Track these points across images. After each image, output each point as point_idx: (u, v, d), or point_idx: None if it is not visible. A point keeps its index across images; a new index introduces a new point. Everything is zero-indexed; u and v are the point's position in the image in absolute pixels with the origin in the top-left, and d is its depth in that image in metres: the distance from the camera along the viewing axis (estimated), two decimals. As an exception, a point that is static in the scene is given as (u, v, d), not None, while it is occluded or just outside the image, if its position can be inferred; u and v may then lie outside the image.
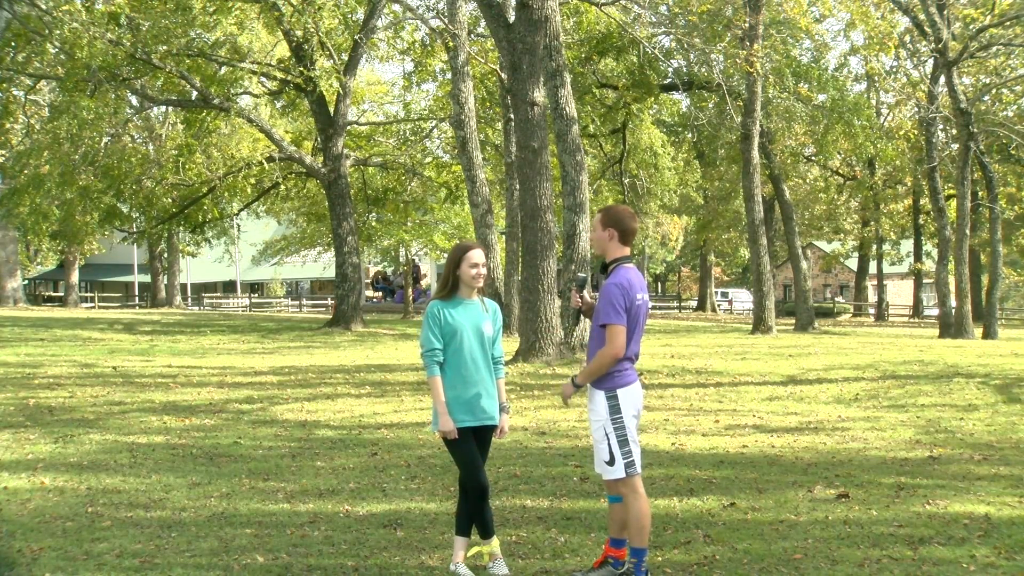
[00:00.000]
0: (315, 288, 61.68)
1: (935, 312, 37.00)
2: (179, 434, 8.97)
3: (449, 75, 24.30)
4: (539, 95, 15.34)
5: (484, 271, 4.81)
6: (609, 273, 4.63)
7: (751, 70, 22.12)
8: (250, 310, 46.00)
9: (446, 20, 22.35)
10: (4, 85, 26.39)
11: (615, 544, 4.66)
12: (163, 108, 34.86)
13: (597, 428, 4.56)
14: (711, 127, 31.66)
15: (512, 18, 16.05)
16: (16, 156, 28.07)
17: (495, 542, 4.82)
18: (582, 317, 5.02)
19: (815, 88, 27.33)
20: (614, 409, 4.51)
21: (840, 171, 41.83)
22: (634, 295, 4.52)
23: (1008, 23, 23.92)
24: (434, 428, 4.81)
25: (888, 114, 37.62)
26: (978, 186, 32.51)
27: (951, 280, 26.91)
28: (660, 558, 5.01)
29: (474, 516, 4.79)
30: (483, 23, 24.35)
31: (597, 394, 4.57)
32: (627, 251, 4.68)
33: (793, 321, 29.35)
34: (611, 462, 4.51)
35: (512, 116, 18.29)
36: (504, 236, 24.78)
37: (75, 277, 45.89)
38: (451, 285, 4.79)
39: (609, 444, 4.51)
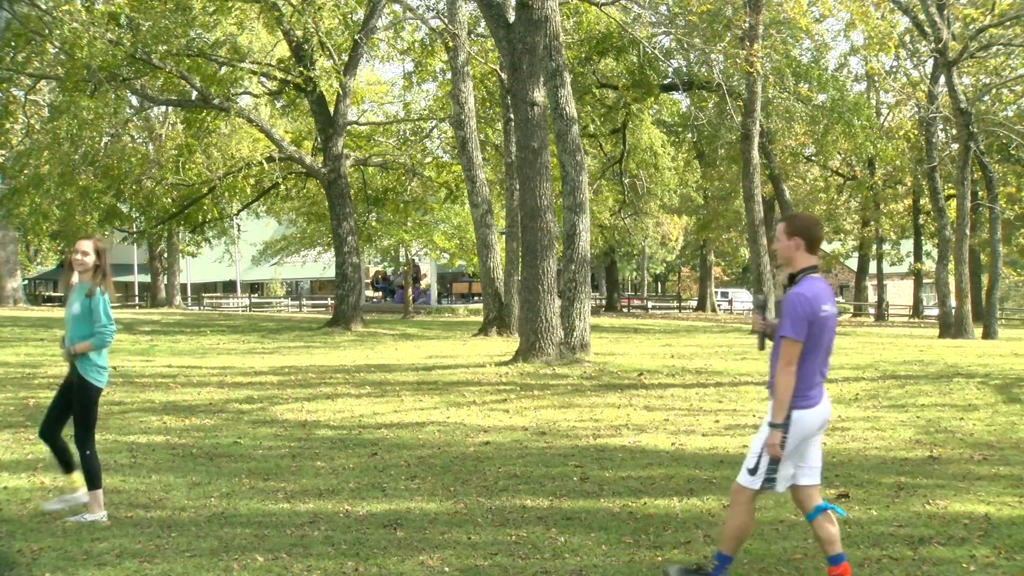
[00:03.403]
0: (315, 288, 61.68)
1: (935, 312, 36.99)
2: (179, 434, 8.97)
3: (449, 75, 24.31)
4: (539, 95, 15.34)
5: (84, 259, 5.73)
6: (796, 283, 4.41)
7: (751, 70, 22.13)
8: (250, 310, 46.00)
9: (446, 20, 22.37)
10: (4, 85, 26.39)
11: (833, 562, 4.45)
12: (163, 108, 34.87)
13: (760, 437, 4.41)
14: (711, 127, 31.67)
15: (512, 18, 16.05)
16: (16, 156, 28.08)
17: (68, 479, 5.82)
18: (765, 341, 4.75)
19: (815, 88, 27.34)
20: (783, 428, 4.29)
21: (840, 171, 41.85)
22: (819, 306, 4.28)
23: (1008, 23, 23.91)
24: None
25: (888, 114, 37.63)
26: (978, 186, 32.52)
27: (951, 280, 26.92)
28: (660, 558, 5.01)
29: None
30: (483, 23, 24.36)
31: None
32: (815, 260, 4.45)
33: (793, 321, 29.29)
34: (753, 471, 4.35)
35: (512, 116, 18.30)
36: (504, 236, 24.78)
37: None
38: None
39: (760, 456, 4.34)
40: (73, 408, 5.74)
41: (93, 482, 5.76)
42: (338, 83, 23.14)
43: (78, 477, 5.78)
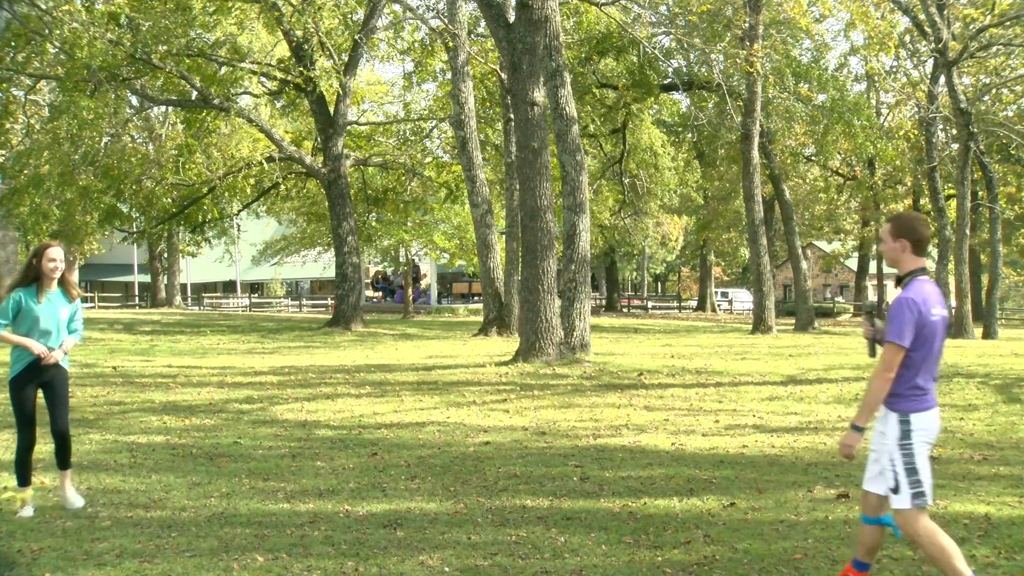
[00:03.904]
0: (315, 288, 61.70)
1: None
2: (179, 434, 8.97)
3: (449, 75, 24.32)
4: (539, 95, 15.34)
5: (61, 265, 5.91)
6: (904, 286, 4.27)
7: (751, 70, 22.14)
8: (250, 310, 46.01)
9: (446, 20, 22.37)
10: (4, 85, 26.36)
11: (858, 567, 4.39)
12: (163, 108, 34.86)
13: (883, 452, 4.25)
14: (711, 127, 31.68)
15: (512, 18, 16.05)
16: (16, 156, 28.03)
17: (29, 492, 5.99)
18: (876, 347, 4.54)
19: (815, 88, 27.34)
20: (904, 434, 4.16)
21: (840, 171, 41.85)
22: (929, 310, 4.16)
23: (1008, 23, 23.92)
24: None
25: (888, 114, 37.63)
26: (978, 186, 32.52)
27: (951, 280, 26.93)
28: (660, 558, 5.01)
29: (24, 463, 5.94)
30: (483, 23, 24.37)
31: (890, 416, 4.23)
32: (923, 262, 4.31)
33: (793, 321, 29.37)
34: (896, 490, 4.16)
35: (512, 116, 18.30)
36: (504, 236, 24.79)
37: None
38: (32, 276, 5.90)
39: (895, 471, 4.17)
40: (61, 397, 6.04)
41: (70, 461, 6.13)
42: (338, 83, 23.15)
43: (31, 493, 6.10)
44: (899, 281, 4.34)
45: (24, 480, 5.97)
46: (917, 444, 4.17)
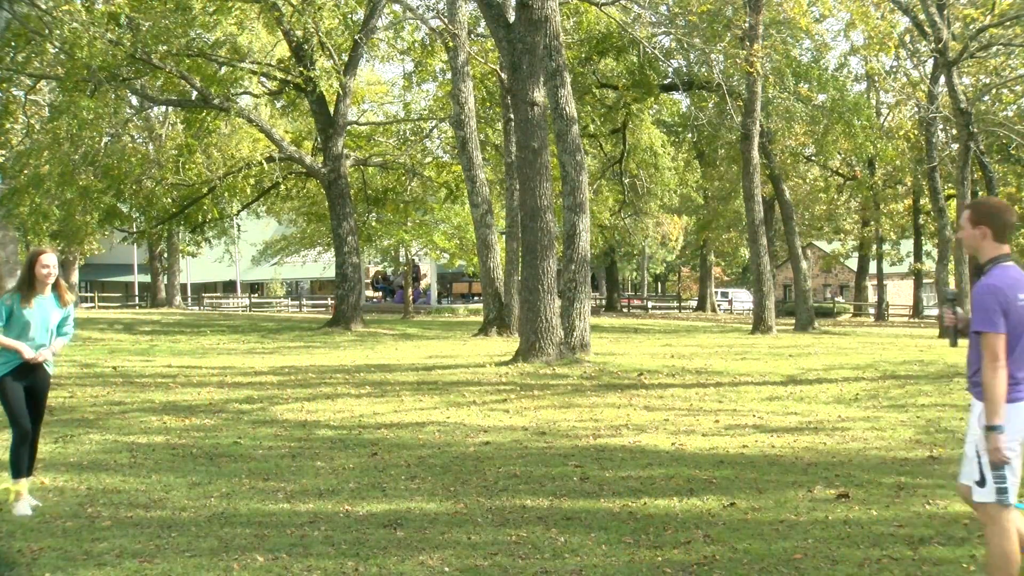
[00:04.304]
0: (315, 288, 61.70)
1: (935, 312, 36.98)
2: (179, 434, 8.97)
3: (449, 75, 24.32)
4: (539, 95, 15.34)
5: (53, 271, 6.00)
6: (985, 274, 4.07)
7: (751, 70, 22.13)
8: (250, 310, 46.01)
9: (446, 20, 22.37)
10: (4, 85, 26.35)
11: None
12: (163, 108, 34.85)
13: (970, 443, 4.09)
14: (711, 127, 31.68)
15: (512, 18, 16.05)
16: (16, 156, 28.02)
17: (24, 484, 5.99)
18: (958, 338, 4.49)
19: (815, 88, 27.35)
20: (1001, 429, 3.93)
21: (840, 171, 41.86)
22: (1015, 295, 3.95)
23: (1008, 23, 23.90)
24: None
25: (888, 114, 37.63)
26: (978, 186, 32.50)
27: (951, 280, 26.92)
28: (660, 558, 5.01)
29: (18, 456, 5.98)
30: (483, 23, 24.36)
31: (977, 405, 4.06)
32: (1005, 249, 4.10)
33: (793, 321, 29.35)
34: (981, 483, 4.00)
35: (512, 116, 18.30)
36: (504, 236, 24.79)
37: (75, 277, 45.86)
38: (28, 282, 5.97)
39: (980, 463, 4.00)
40: (40, 406, 6.18)
41: (33, 469, 6.27)
42: (338, 83, 23.15)
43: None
44: (979, 270, 4.15)
45: (18, 472, 5.99)
46: (1008, 439, 3.95)
